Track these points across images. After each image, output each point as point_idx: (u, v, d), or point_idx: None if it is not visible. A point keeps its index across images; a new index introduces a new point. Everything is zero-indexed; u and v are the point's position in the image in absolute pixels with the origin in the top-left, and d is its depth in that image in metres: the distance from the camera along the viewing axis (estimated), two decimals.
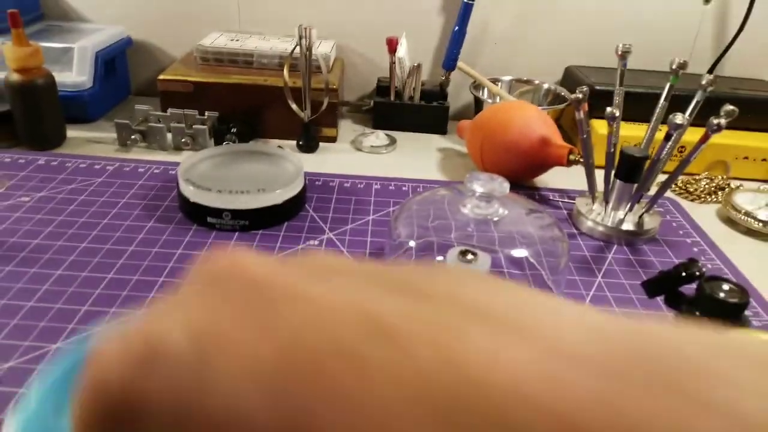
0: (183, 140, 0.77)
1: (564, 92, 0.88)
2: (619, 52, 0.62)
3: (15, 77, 0.70)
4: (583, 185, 0.70)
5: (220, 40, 0.87)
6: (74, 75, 0.80)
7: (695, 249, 0.62)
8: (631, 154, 0.59)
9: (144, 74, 0.99)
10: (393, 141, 0.86)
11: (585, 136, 0.60)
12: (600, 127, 0.77)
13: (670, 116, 0.55)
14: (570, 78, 0.91)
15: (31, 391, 0.18)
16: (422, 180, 0.74)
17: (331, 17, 0.94)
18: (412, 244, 0.51)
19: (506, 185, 0.47)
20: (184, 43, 0.95)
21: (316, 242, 0.59)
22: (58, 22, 0.93)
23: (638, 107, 0.71)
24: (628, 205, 0.61)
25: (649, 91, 0.78)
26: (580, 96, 0.58)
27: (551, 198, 0.71)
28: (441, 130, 0.91)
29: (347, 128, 0.90)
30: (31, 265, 0.52)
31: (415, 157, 0.82)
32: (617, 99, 0.63)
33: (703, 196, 0.74)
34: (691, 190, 0.75)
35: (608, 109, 0.58)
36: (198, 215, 0.60)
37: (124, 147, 0.77)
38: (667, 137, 0.57)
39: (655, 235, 0.63)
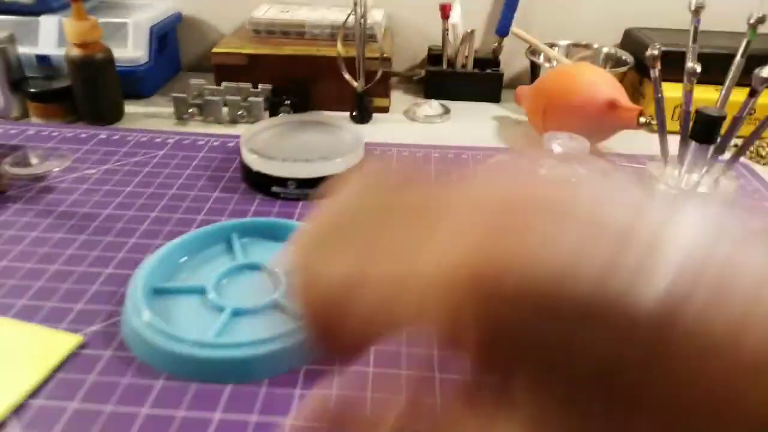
0: (239, 113, 0.77)
1: (625, 55, 0.84)
2: (693, 8, 0.59)
3: (75, 52, 0.70)
4: (649, 149, 0.68)
5: (271, 11, 0.87)
6: (130, 50, 0.81)
7: None
8: (708, 114, 0.57)
9: (193, 49, 0.98)
10: (447, 110, 0.84)
11: (659, 95, 0.58)
12: (667, 89, 0.74)
13: (756, 70, 0.52)
14: (631, 40, 0.88)
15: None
16: (482, 147, 0.72)
17: None
18: None
19: (586, 144, 0.45)
20: (232, 17, 0.95)
21: None
22: None
23: (707, 69, 0.68)
24: (704, 168, 0.59)
25: (721, 51, 0.74)
26: (656, 53, 0.56)
27: (619, 162, 0.69)
28: (495, 98, 0.89)
29: (398, 98, 0.89)
30: (105, 233, 0.52)
31: (471, 125, 0.80)
32: (691, 57, 0.60)
33: None
34: (764, 153, 0.72)
35: (688, 64, 0.55)
36: (262, 184, 0.60)
37: (181, 121, 0.77)
38: (752, 93, 0.54)
39: (730, 200, 0.60)
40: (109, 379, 0.38)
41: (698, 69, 0.55)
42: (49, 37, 0.81)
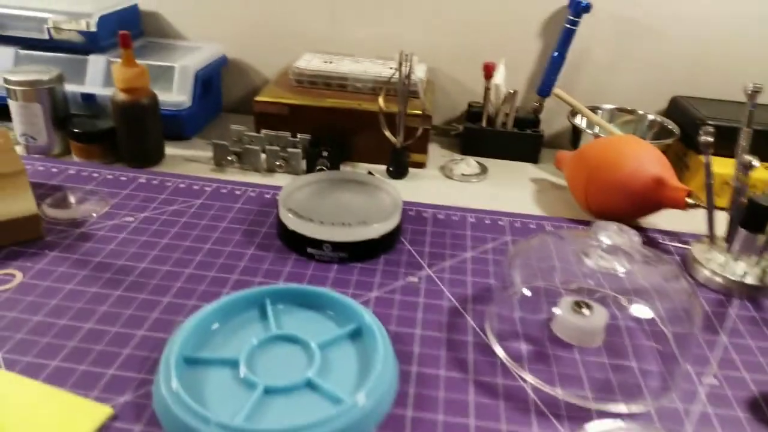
0: (277, 163, 0.77)
1: (671, 125, 0.83)
2: (749, 91, 0.58)
3: (121, 96, 0.71)
4: (694, 227, 0.66)
5: (314, 62, 0.87)
6: (174, 94, 0.82)
7: None
8: (760, 203, 0.55)
9: (235, 92, 1.00)
10: (484, 169, 0.83)
11: (711, 181, 0.56)
12: (715, 164, 0.72)
13: None
14: (677, 109, 0.87)
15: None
16: (519, 214, 0.71)
17: (423, 39, 0.92)
18: (525, 291, 0.48)
19: (636, 239, 0.44)
20: (276, 62, 0.96)
21: (416, 279, 0.57)
22: (156, 38, 0.96)
23: (757, 146, 0.67)
24: (753, 257, 0.57)
25: None
26: (709, 138, 0.54)
27: (660, 241, 0.67)
28: (533, 158, 0.88)
29: (434, 153, 0.89)
30: (140, 290, 0.52)
31: (509, 187, 0.79)
32: (743, 142, 0.58)
33: None
34: None
35: (745, 157, 0.54)
36: (298, 245, 0.59)
37: (220, 167, 0.77)
38: None
39: None
40: None
41: (756, 163, 0.54)
42: (96, 77, 0.82)
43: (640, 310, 0.46)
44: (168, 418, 0.39)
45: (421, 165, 0.83)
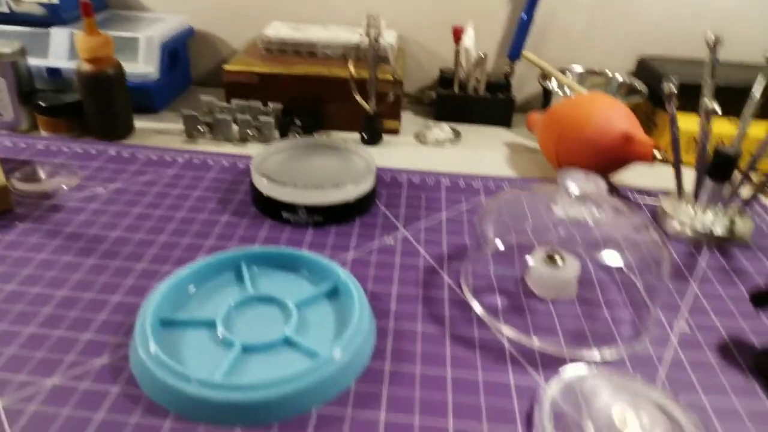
0: (249, 132, 0.76)
1: (639, 84, 0.84)
2: (711, 44, 0.59)
3: (86, 67, 0.70)
4: (663, 182, 0.67)
5: (283, 30, 0.86)
6: (141, 65, 0.80)
7: None
8: (725, 153, 0.56)
9: (204, 64, 0.98)
10: (457, 134, 0.84)
11: (677, 133, 0.57)
12: (682, 121, 0.73)
13: None
14: (644, 69, 0.88)
15: None
16: (493, 176, 0.71)
17: (393, 6, 0.91)
18: (499, 246, 0.49)
19: (602, 185, 0.45)
20: (243, 32, 0.95)
21: (392, 240, 0.57)
22: (120, 11, 0.94)
23: (723, 102, 0.68)
24: (720, 207, 0.58)
25: (738, 84, 0.74)
26: (674, 89, 0.55)
27: (630, 197, 0.68)
28: (506, 122, 0.88)
29: (408, 120, 0.88)
30: (113, 257, 0.52)
31: (482, 151, 0.80)
32: (707, 93, 0.59)
33: None
34: None
35: (705, 102, 0.55)
36: (272, 210, 0.59)
37: (191, 138, 0.76)
38: None
39: (747, 241, 0.59)
40: (116, 417, 0.37)
41: (718, 110, 0.55)
42: (60, 50, 0.80)
43: (612, 259, 0.47)
44: (147, 379, 0.39)
45: (395, 131, 0.83)
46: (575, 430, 0.36)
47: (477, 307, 0.48)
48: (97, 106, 0.72)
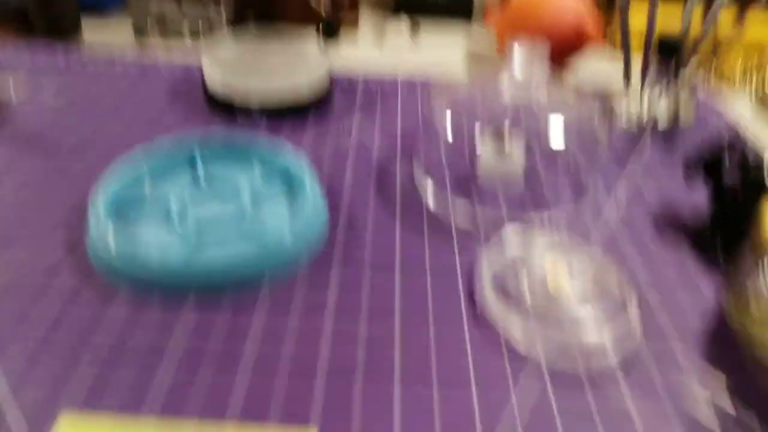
0: (200, 29, 0.74)
1: None
2: None
3: None
4: (614, 71, 0.68)
5: None
6: None
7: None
8: (670, 40, 0.57)
9: None
10: (416, 32, 0.82)
11: (625, 18, 0.58)
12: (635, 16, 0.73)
13: None
14: None
15: None
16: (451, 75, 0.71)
17: None
18: (449, 135, 0.50)
19: (545, 64, 0.46)
20: None
21: (346, 135, 0.58)
22: None
23: None
24: (664, 90, 0.60)
25: None
26: None
27: (581, 85, 0.69)
28: (466, 14, 0.87)
29: (366, 14, 0.87)
30: (65, 160, 0.52)
31: (441, 50, 0.79)
32: None
33: (739, 80, 0.72)
34: (728, 75, 0.73)
35: None
36: (225, 109, 0.59)
37: (142, 36, 0.74)
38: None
39: (691, 123, 0.61)
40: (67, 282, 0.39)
41: None
42: None
43: (556, 142, 0.49)
44: (106, 268, 0.40)
45: (352, 26, 0.82)
46: (512, 282, 0.39)
47: (428, 191, 0.50)
48: (42, 2, 0.69)
